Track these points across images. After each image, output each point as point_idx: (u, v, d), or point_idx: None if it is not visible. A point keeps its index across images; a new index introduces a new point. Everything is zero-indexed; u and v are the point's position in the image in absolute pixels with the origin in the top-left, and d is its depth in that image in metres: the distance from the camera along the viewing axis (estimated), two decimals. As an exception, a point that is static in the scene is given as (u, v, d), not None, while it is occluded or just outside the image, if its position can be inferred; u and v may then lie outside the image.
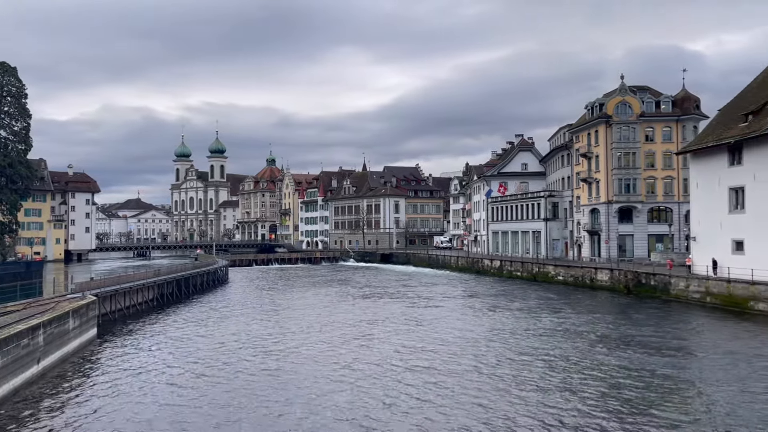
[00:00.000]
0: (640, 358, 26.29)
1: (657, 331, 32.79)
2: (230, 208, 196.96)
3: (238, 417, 19.24)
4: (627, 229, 65.78)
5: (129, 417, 19.40)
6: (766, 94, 43.31)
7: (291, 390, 22.15)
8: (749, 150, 41.57)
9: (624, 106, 66.08)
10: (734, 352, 27.29)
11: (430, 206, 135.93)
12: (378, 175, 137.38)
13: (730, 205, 43.36)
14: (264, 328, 36.62)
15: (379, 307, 45.67)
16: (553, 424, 17.93)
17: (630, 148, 65.62)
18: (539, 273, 66.47)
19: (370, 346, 30.08)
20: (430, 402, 20.39)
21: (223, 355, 28.59)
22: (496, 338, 31.76)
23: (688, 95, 67.43)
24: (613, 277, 54.27)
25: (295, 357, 27.77)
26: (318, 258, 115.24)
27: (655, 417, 18.38)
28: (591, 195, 68.67)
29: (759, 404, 19.54)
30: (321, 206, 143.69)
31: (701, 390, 21.43)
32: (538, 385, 22.07)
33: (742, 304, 38.95)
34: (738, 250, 42.23)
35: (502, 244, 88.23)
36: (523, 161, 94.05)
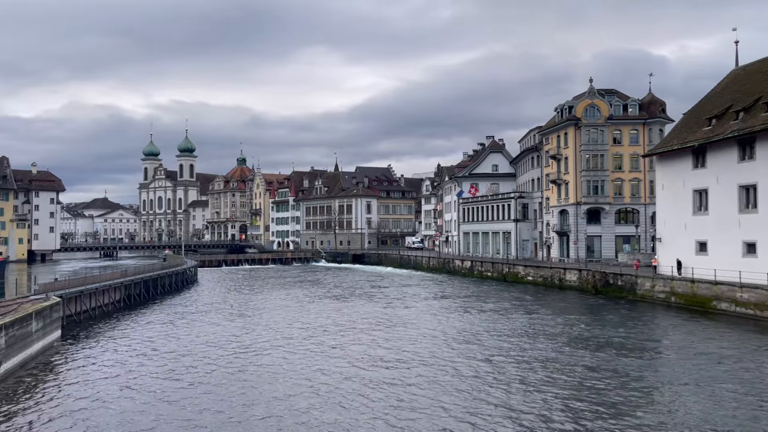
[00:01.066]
0: (608, 359, 26.69)
1: (624, 332, 33.37)
2: (200, 207, 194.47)
3: (202, 420, 18.96)
4: (595, 230, 66.82)
5: (90, 422, 18.97)
6: (728, 99, 44.45)
7: (257, 393, 21.90)
8: (712, 153, 42.59)
9: (593, 109, 67.14)
10: (701, 353, 27.89)
11: (402, 207, 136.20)
12: (350, 175, 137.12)
13: (694, 206, 44.36)
14: (232, 329, 36.22)
15: (350, 309, 45.55)
16: (523, 425, 18.08)
17: (598, 150, 66.69)
18: (509, 273, 67.09)
19: (340, 348, 29.96)
20: (399, 406, 20.37)
21: (190, 357, 28.18)
22: (466, 340, 31.93)
23: (654, 99, 68.81)
24: (582, 277, 55.08)
25: (263, 360, 27.49)
26: (289, 258, 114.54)
27: (624, 418, 18.66)
28: (560, 196, 69.59)
29: (725, 404, 19.98)
30: (292, 206, 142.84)
31: (668, 391, 21.82)
32: (507, 388, 22.22)
33: (705, 304, 39.88)
34: (701, 251, 43.23)
35: (473, 244, 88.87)
36: (494, 162, 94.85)
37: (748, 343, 29.49)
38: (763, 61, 45.51)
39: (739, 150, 40.26)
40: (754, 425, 17.62)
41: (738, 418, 18.27)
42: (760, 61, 45.96)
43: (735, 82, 46.71)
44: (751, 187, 39.32)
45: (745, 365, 24.91)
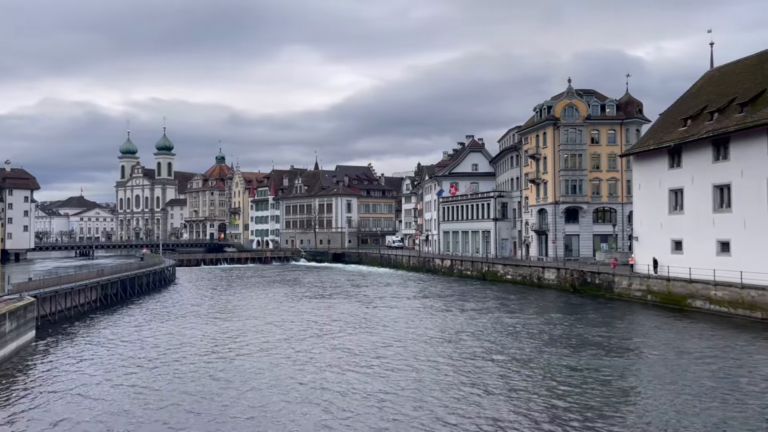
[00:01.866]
0: (586, 358, 26.95)
1: (602, 331, 33.74)
2: (178, 206, 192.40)
3: (179, 422, 18.76)
4: (573, 229, 67.49)
5: (65, 424, 18.66)
6: (703, 100, 45.17)
7: (235, 394, 21.68)
8: (688, 153, 43.26)
9: (571, 109, 67.79)
10: (677, 351, 28.30)
11: (382, 206, 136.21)
12: (330, 174, 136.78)
13: (669, 206, 45.02)
14: (210, 330, 35.91)
15: (329, 308, 45.45)
16: (503, 426, 18.19)
17: (576, 150, 67.36)
18: (489, 272, 67.48)
19: (319, 348, 29.87)
20: (379, 406, 20.37)
21: (167, 358, 27.86)
22: (445, 340, 32.05)
23: (631, 99, 69.68)
24: (560, 276, 55.59)
25: (241, 360, 27.25)
26: (268, 258, 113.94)
27: (604, 418, 18.86)
28: (539, 195, 70.16)
29: (703, 403, 20.29)
30: (272, 205, 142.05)
31: (646, 390, 22.09)
32: (486, 388, 22.32)
33: (680, 302, 40.51)
34: (677, 250, 43.90)
35: (453, 243, 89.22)
36: (473, 162, 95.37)
37: (724, 341, 29.99)
38: (737, 63, 46.33)
39: (713, 150, 40.94)
40: (731, 424, 17.92)
41: (714, 416, 18.58)
42: (734, 63, 46.79)
43: (710, 83, 47.48)
44: (725, 187, 40.01)
45: (723, 364, 25.31)
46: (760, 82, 40.46)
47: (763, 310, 34.48)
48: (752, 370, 23.81)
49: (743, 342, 29.31)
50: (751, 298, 35.41)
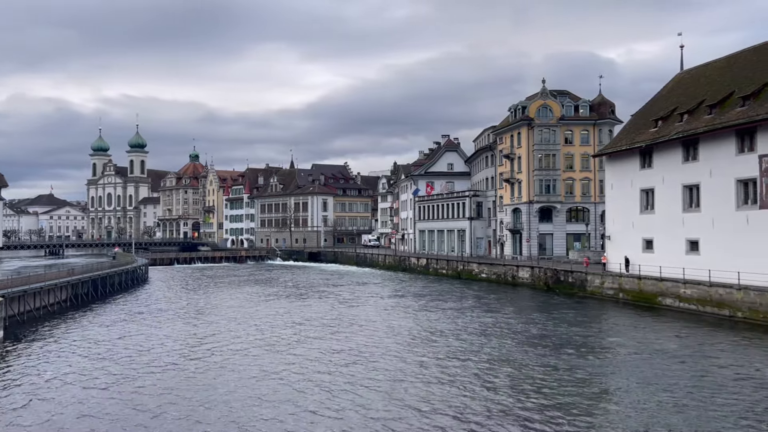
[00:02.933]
0: (559, 356, 27.26)
1: (575, 329, 34.16)
2: (151, 204, 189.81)
3: (149, 423, 18.52)
4: (547, 228, 68.24)
5: (33, 426, 18.30)
6: (673, 102, 46.03)
7: (207, 395, 21.46)
8: (659, 154, 44.04)
9: (545, 109, 68.49)
10: (648, 348, 28.78)
11: (358, 205, 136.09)
12: (306, 172, 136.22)
13: (641, 205, 45.79)
14: (183, 329, 35.53)
15: (305, 308, 45.28)
16: (475, 427, 18.32)
17: (550, 150, 68.10)
18: (464, 271, 67.89)
19: (294, 348, 29.74)
20: (353, 408, 20.36)
21: (138, 358, 27.48)
22: (420, 339, 32.15)
23: (604, 100, 70.67)
24: (534, 274, 56.17)
25: (215, 361, 27.00)
26: (243, 257, 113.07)
27: (577, 417, 19.10)
28: (513, 195, 70.77)
29: (674, 400, 20.68)
30: (247, 204, 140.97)
31: (618, 388, 22.41)
32: (460, 386, 22.43)
33: (651, 300, 41.24)
34: (648, 249, 44.67)
35: (429, 242, 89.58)
36: (449, 161, 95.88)
37: (693, 339, 30.59)
38: (706, 66, 47.31)
39: (683, 151, 41.74)
40: (703, 421, 18.29)
41: (687, 414, 18.94)
42: (704, 66, 47.77)
43: (680, 85, 48.41)
44: (694, 187, 40.84)
45: (694, 363, 25.81)
46: (728, 84, 41.36)
47: (730, 307, 35.28)
48: (722, 368, 24.32)
49: (712, 339, 29.93)
50: (719, 296, 36.20)
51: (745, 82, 39.68)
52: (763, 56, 40.81)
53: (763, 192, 35.58)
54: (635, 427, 17.33)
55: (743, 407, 18.90)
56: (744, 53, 43.74)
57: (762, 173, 35.59)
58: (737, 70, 42.32)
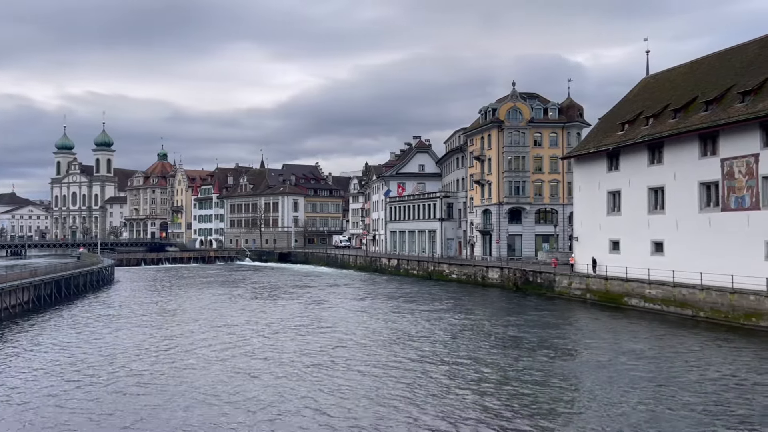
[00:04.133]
0: (528, 357, 27.50)
1: (544, 330, 34.53)
2: (117, 204, 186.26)
3: (113, 429, 18.15)
4: (516, 229, 68.95)
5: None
6: (639, 106, 46.93)
7: (173, 400, 21.11)
8: (625, 157, 44.85)
9: (515, 111, 69.20)
10: (613, 348, 29.27)
11: (329, 205, 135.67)
12: (276, 172, 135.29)
13: (608, 207, 46.58)
14: (149, 332, 34.91)
15: (275, 309, 44.94)
16: (441, 427, 18.38)
17: (520, 152, 68.84)
18: (434, 271, 68.17)
19: (263, 351, 29.46)
20: (321, 411, 20.25)
21: (103, 361, 26.88)
22: (390, 340, 32.15)
23: (572, 103, 71.72)
24: (503, 275, 56.69)
25: (181, 365, 26.53)
26: (212, 257, 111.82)
27: (544, 418, 19.29)
28: (483, 196, 71.35)
29: (638, 398, 21.05)
30: (216, 204, 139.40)
31: (584, 387, 22.72)
32: (429, 389, 22.50)
33: (617, 300, 41.96)
34: (614, 250, 45.46)
35: (400, 243, 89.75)
36: (420, 162, 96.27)
37: (658, 339, 31.21)
38: (671, 71, 48.35)
39: (648, 154, 42.59)
40: (668, 422, 18.64)
41: (653, 414, 19.29)
42: (669, 71, 48.82)
43: (646, 89, 49.38)
44: (659, 190, 41.70)
45: (659, 363, 26.31)
46: (692, 89, 42.34)
47: (693, 307, 36.10)
48: (686, 368, 24.84)
49: (676, 339, 30.57)
50: (682, 296, 37.01)
51: (708, 87, 40.67)
52: (725, 62, 41.88)
53: (724, 195, 36.50)
54: (602, 428, 17.58)
55: (705, 408, 19.32)
56: (707, 59, 44.84)
57: (724, 176, 36.51)
58: (700, 75, 43.35)
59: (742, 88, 36.80)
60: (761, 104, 34.33)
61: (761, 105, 34.24)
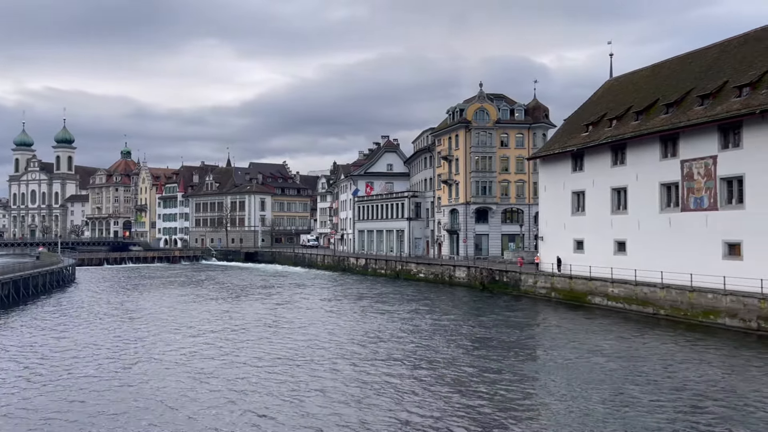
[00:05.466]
0: (493, 356, 27.72)
1: (508, 328, 34.87)
2: (79, 202, 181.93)
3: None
4: (483, 228, 69.58)
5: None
6: (603, 108, 47.79)
7: (135, 405, 20.64)
8: (589, 158, 45.62)
9: (482, 112, 69.81)
10: (578, 346, 29.71)
11: (297, 204, 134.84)
12: (243, 171, 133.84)
13: (572, 207, 47.32)
14: (110, 334, 34.09)
15: (240, 310, 44.41)
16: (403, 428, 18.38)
17: (487, 152, 69.46)
18: (402, 271, 68.31)
19: (227, 354, 29.06)
20: (285, 412, 20.08)
21: (61, 364, 26.15)
22: (357, 341, 32.06)
23: (538, 105, 72.68)
24: (470, 274, 57.12)
25: (143, 367, 25.95)
26: (177, 257, 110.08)
27: (509, 419, 19.45)
28: (451, 196, 71.80)
29: (600, 394, 21.38)
30: (181, 202, 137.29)
31: (546, 387, 22.99)
32: (396, 390, 22.49)
33: (581, 298, 42.66)
34: (579, 249, 46.20)
35: (368, 242, 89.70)
36: (388, 162, 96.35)
37: (620, 337, 31.80)
38: (634, 74, 49.36)
39: (612, 155, 43.40)
40: (632, 419, 18.97)
41: (616, 413, 19.61)
42: (632, 73, 49.83)
43: (609, 91, 50.32)
44: (622, 190, 42.53)
45: (621, 361, 26.79)
46: (653, 92, 43.28)
47: (654, 305, 36.91)
48: (647, 365, 25.37)
49: (638, 337, 31.20)
50: (643, 295, 37.81)
51: (669, 90, 41.62)
52: (685, 66, 42.93)
53: (684, 195, 37.41)
54: (566, 427, 17.82)
55: (665, 404, 19.74)
56: (668, 62, 45.90)
57: (683, 178, 37.42)
58: (662, 78, 44.35)
59: (702, 91, 37.76)
60: (719, 107, 35.29)
61: (719, 108, 35.20)
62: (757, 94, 33.50)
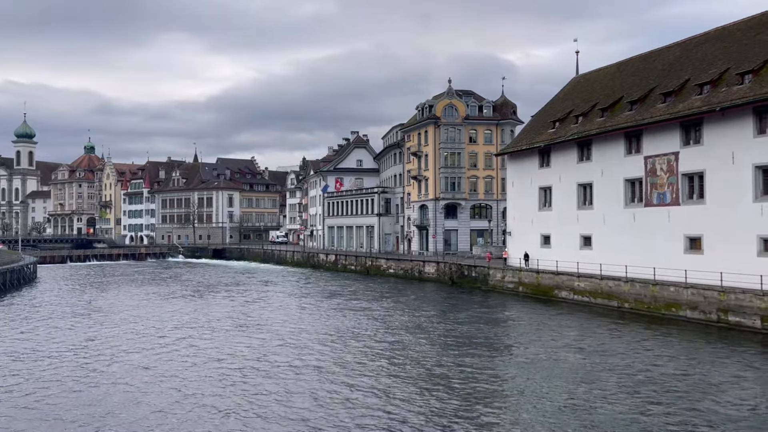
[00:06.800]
0: (461, 353, 27.88)
1: (477, 324, 35.15)
2: (40, 199, 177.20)
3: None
4: (452, 224, 70.05)
5: None
6: (569, 105, 48.48)
7: (99, 407, 20.25)
8: (556, 154, 46.25)
9: (451, 108, 70.18)
10: (546, 341, 30.13)
11: (266, 200, 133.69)
12: (211, 167, 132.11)
13: (539, 203, 47.92)
14: (73, 333, 33.30)
15: (207, 308, 43.86)
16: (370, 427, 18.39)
17: (456, 148, 69.89)
18: (372, 267, 68.34)
19: (194, 354, 28.66)
20: (254, 412, 19.92)
21: (20, 366, 25.47)
22: (326, 339, 31.96)
23: (506, 101, 73.36)
24: (439, 269, 57.46)
25: (107, 368, 25.35)
26: (143, 254, 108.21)
27: (474, 415, 19.60)
28: (420, 192, 72.07)
29: (564, 396, 21.71)
30: (147, 199, 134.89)
31: (512, 383, 23.26)
32: (362, 388, 22.48)
33: (548, 293, 43.27)
34: (546, 244, 46.84)
35: (338, 238, 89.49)
36: (358, 158, 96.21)
37: (585, 330, 32.34)
38: (599, 71, 50.16)
39: (578, 151, 44.06)
40: (598, 415, 19.29)
41: (582, 409, 19.92)
42: (597, 71, 50.63)
43: (576, 89, 51.05)
44: (588, 186, 43.23)
45: (586, 355, 27.23)
46: (618, 89, 44.06)
47: (618, 299, 37.64)
48: (613, 358, 25.87)
49: (602, 330, 31.79)
50: (608, 288, 38.54)
51: (633, 87, 42.41)
52: (649, 64, 43.78)
53: (647, 191, 38.21)
54: (534, 422, 18.05)
55: (629, 397, 20.16)
56: (632, 60, 46.75)
57: (647, 173, 38.20)
58: (626, 76, 45.16)
59: (664, 89, 38.57)
60: (681, 105, 36.09)
61: (681, 106, 36.01)
62: (717, 91, 34.36)
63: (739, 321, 30.21)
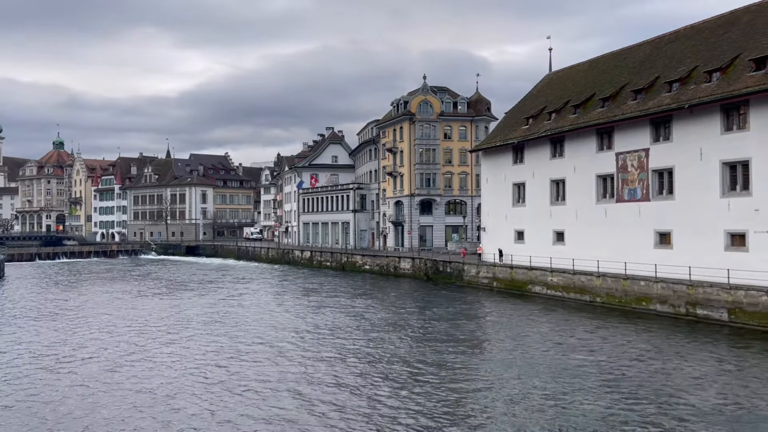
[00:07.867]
0: (436, 349, 28.00)
1: (452, 319, 35.35)
2: (7, 195, 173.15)
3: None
4: (427, 220, 70.26)
5: None
6: (542, 101, 48.89)
7: (69, 411, 19.91)
8: (529, 150, 46.62)
9: (426, 105, 70.29)
10: (520, 336, 30.40)
11: (240, 197, 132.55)
12: (183, 162, 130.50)
13: (513, 199, 48.30)
14: (41, 333, 32.62)
15: (180, 306, 43.33)
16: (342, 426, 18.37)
17: (431, 144, 70.06)
18: (348, 263, 68.23)
19: (166, 353, 28.31)
20: (228, 411, 19.76)
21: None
22: (301, 337, 31.87)
23: (481, 98, 73.70)
24: (415, 265, 57.60)
25: (78, 369, 24.92)
26: (115, 251, 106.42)
27: (449, 413, 19.68)
28: (396, 188, 72.12)
29: (543, 384, 21.93)
30: (118, 195, 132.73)
31: (485, 379, 23.44)
32: (338, 386, 22.45)
33: (522, 288, 43.67)
34: (519, 240, 47.25)
35: (313, 234, 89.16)
36: (333, 154, 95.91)
37: (560, 324, 32.74)
38: (572, 68, 50.67)
39: (551, 148, 44.49)
40: (572, 410, 19.51)
41: (557, 399, 20.14)
42: (570, 68, 51.13)
43: (549, 86, 51.49)
44: (561, 182, 43.70)
45: (559, 349, 27.56)
46: (590, 86, 44.56)
47: (590, 293, 38.16)
48: (585, 352, 26.21)
49: (576, 324, 32.21)
50: (581, 283, 39.04)
51: (604, 85, 42.94)
52: (620, 61, 44.34)
53: (619, 187, 38.75)
54: (508, 418, 18.20)
55: (601, 389, 20.44)
56: (604, 58, 47.31)
57: (618, 170, 38.74)
58: (598, 73, 45.70)
59: (635, 86, 39.12)
60: (651, 102, 36.65)
61: (651, 103, 36.56)
62: (686, 89, 34.95)
63: (707, 314, 30.86)
